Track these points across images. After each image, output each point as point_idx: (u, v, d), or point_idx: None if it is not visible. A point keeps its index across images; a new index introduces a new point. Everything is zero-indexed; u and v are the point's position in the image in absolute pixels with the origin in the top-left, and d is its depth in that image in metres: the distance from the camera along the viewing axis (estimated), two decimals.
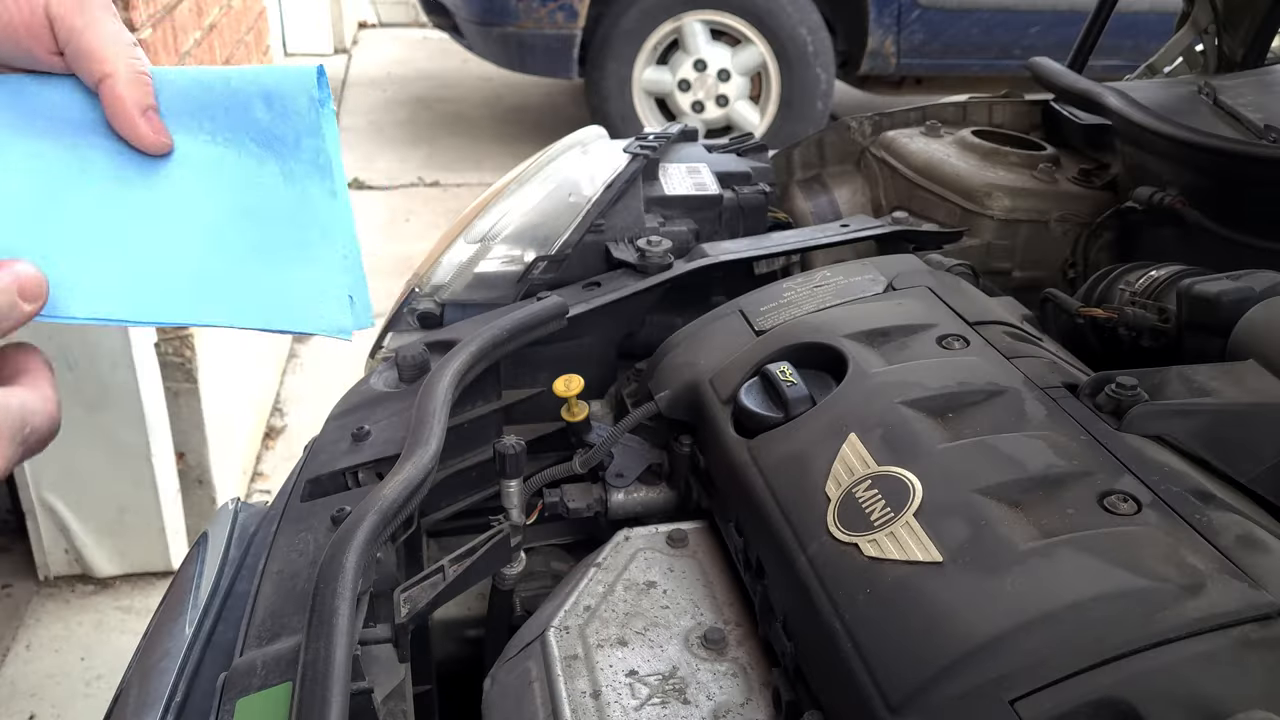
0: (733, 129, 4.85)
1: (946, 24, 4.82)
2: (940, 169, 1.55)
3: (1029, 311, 1.12)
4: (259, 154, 0.70)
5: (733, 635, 0.82)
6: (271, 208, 0.70)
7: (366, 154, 5.04)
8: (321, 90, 0.70)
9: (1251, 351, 0.90)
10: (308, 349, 3.55)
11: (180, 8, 2.49)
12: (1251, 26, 1.79)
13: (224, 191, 0.69)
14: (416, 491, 0.83)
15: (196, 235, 0.68)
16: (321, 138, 0.70)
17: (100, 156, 0.68)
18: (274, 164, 0.70)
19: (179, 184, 0.69)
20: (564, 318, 1.13)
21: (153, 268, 0.67)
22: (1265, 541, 0.67)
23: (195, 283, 0.68)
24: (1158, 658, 0.59)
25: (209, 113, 0.70)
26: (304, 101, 0.69)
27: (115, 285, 0.66)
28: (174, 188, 0.69)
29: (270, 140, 0.70)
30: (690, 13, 4.72)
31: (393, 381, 1.10)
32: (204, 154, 0.69)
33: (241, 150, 0.70)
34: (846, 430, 0.81)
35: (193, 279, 0.68)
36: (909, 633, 0.64)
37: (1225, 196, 1.30)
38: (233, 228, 0.69)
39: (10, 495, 2.44)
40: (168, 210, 0.68)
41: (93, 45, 0.66)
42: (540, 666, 0.80)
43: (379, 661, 0.73)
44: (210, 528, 1.06)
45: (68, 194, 0.67)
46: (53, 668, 2.24)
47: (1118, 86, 1.56)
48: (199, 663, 0.85)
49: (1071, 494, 0.71)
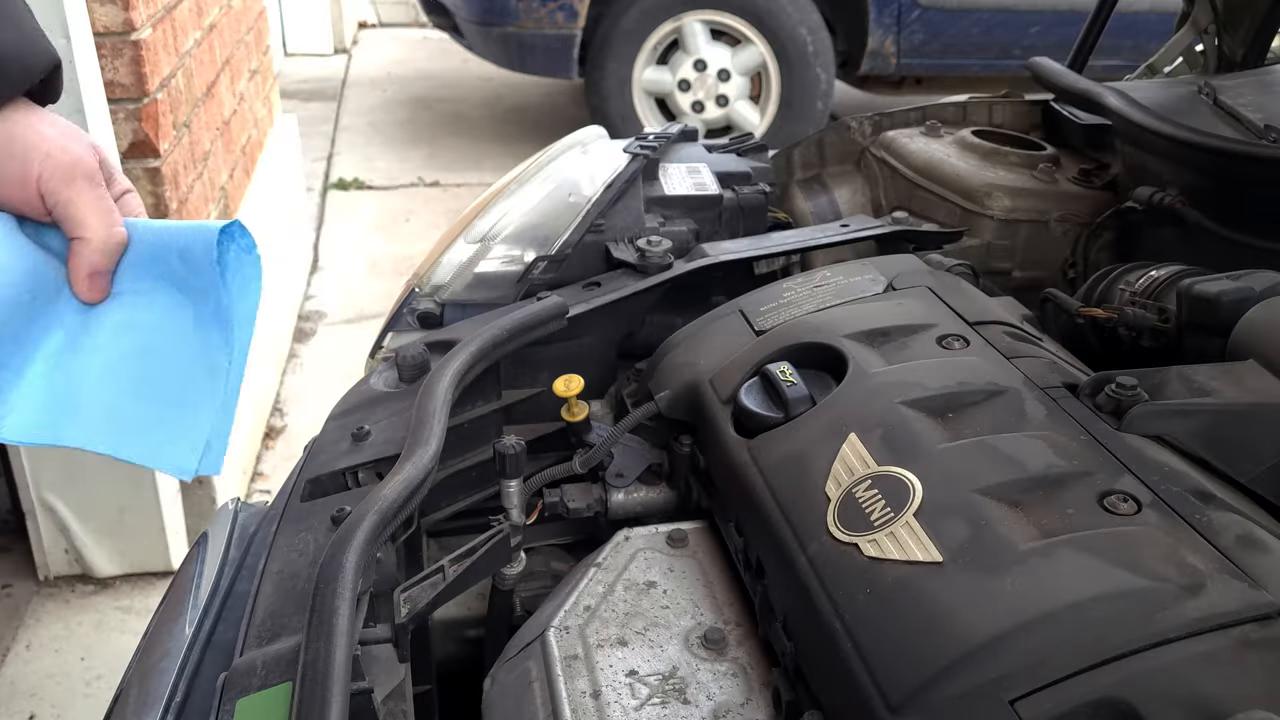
0: (733, 129, 4.85)
1: (946, 24, 4.82)
2: (940, 169, 1.55)
3: (1029, 311, 1.12)
4: (179, 300, 0.79)
5: (733, 635, 0.82)
6: (173, 349, 0.79)
7: (366, 154, 5.04)
8: (234, 244, 0.78)
9: (1251, 351, 0.90)
10: (308, 349, 3.55)
11: (180, 8, 2.49)
12: (1251, 26, 1.79)
13: (139, 331, 0.78)
14: (416, 491, 0.83)
15: (97, 366, 0.77)
16: (224, 291, 0.78)
17: (50, 289, 0.77)
18: (189, 310, 0.79)
19: (104, 320, 0.78)
20: (564, 318, 1.13)
21: (52, 387, 0.76)
22: (1265, 541, 0.67)
23: (77, 406, 0.76)
24: (1158, 658, 0.59)
25: (155, 260, 0.79)
26: (206, 259, 0.77)
27: (17, 401, 0.74)
28: (99, 322, 0.78)
29: (188, 289, 0.79)
30: (690, 13, 4.72)
31: (393, 381, 1.10)
32: (137, 296, 0.79)
33: (167, 296, 0.79)
34: (846, 430, 0.81)
35: (79, 403, 0.76)
36: (909, 633, 0.64)
37: (1225, 196, 1.30)
38: (132, 363, 0.78)
39: (10, 495, 2.44)
40: (87, 341, 0.77)
41: (75, 214, 0.77)
42: (540, 666, 0.80)
43: (379, 661, 0.73)
44: (210, 528, 1.06)
45: (13, 309, 0.74)
46: (53, 668, 2.24)
47: (1118, 86, 1.56)
48: (199, 663, 0.85)
49: (1071, 494, 0.71)
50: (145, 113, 2.28)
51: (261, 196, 3.28)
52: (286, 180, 3.73)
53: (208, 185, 2.71)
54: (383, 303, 2.98)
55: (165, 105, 2.37)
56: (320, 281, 4.00)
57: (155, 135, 2.31)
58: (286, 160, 3.74)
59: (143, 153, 2.31)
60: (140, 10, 2.23)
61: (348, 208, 4.66)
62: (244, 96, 3.17)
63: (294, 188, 3.92)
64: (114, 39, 2.19)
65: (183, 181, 2.49)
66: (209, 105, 2.73)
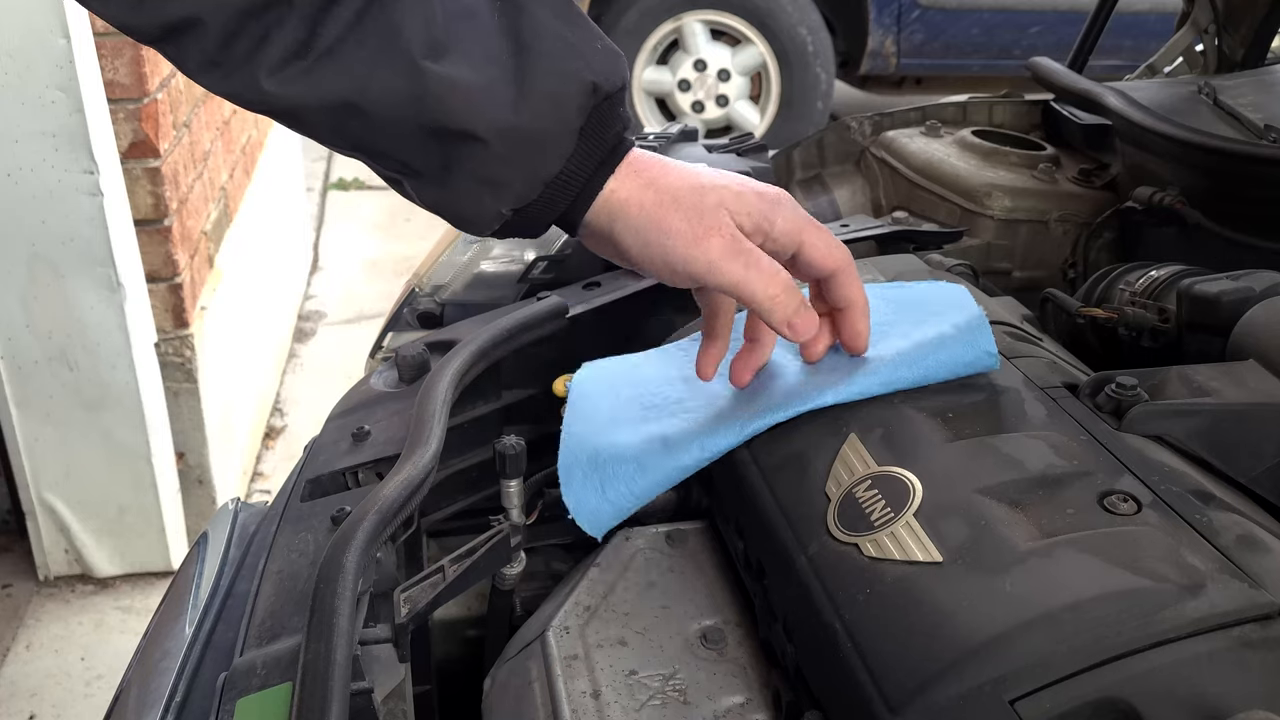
0: (733, 129, 4.85)
1: (947, 24, 4.82)
2: (940, 169, 1.55)
3: (1029, 311, 1.12)
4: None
5: (733, 635, 0.82)
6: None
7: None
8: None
9: (1251, 351, 0.90)
10: (308, 349, 3.55)
11: None
12: (1251, 26, 1.79)
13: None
14: (416, 491, 0.83)
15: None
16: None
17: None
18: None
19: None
20: (564, 318, 1.13)
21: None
22: (1265, 541, 0.67)
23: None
24: (1158, 658, 0.58)
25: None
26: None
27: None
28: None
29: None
30: (690, 13, 4.72)
31: (393, 381, 1.10)
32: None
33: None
34: (846, 430, 0.81)
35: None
36: (909, 633, 0.64)
37: (1225, 196, 1.30)
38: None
39: (10, 495, 2.44)
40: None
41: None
42: (540, 666, 0.80)
43: (379, 661, 0.73)
44: (210, 528, 1.06)
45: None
46: (53, 668, 2.24)
47: (1118, 86, 1.56)
48: (199, 663, 0.84)
49: (1071, 494, 0.70)
50: (145, 113, 2.28)
51: (261, 196, 3.28)
52: (286, 180, 3.73)
53: (208, 185, 2.71)
54: (383, 303, 2.99)
55: (165, 105, 2.37)
56: (320, 281, 4.01)
57: (155, 135, 2.32)
58: (286, 160, 3.74)
59: (143, 153, 2.32)
60: None
61: (348, 207, 4.66)
62: None
63: (294, 187, 3.92)
64: (114, 39, 2.20)
65: (183, 181, 2.50)
66: (209, 105, 2.73)
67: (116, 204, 2.19)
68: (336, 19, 0.67)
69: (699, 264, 0.75)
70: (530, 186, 0.73)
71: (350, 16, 0.67)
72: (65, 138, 2.08)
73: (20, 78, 2.03)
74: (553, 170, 0.73)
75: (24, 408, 2.29)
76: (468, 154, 0.70)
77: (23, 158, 2.09)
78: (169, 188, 2.37)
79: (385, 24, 0.67)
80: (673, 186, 0.76)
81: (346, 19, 0.67)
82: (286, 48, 0.67)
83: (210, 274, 2.69)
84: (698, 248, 0.75)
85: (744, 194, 0.77)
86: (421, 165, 0.72)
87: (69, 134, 2.08)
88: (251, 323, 3.03)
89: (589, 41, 0.72)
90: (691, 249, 0.75)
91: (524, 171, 0.72)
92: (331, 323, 3.69)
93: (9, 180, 2.10)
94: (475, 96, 0.68)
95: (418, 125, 0.69)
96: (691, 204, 0.75)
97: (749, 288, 0.76)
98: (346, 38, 0.67)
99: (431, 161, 0.72)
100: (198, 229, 2.59)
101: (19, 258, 2.17)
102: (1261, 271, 1.01)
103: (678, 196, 0.76)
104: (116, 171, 2.21)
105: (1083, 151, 1.63)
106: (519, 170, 0.72)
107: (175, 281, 2.43)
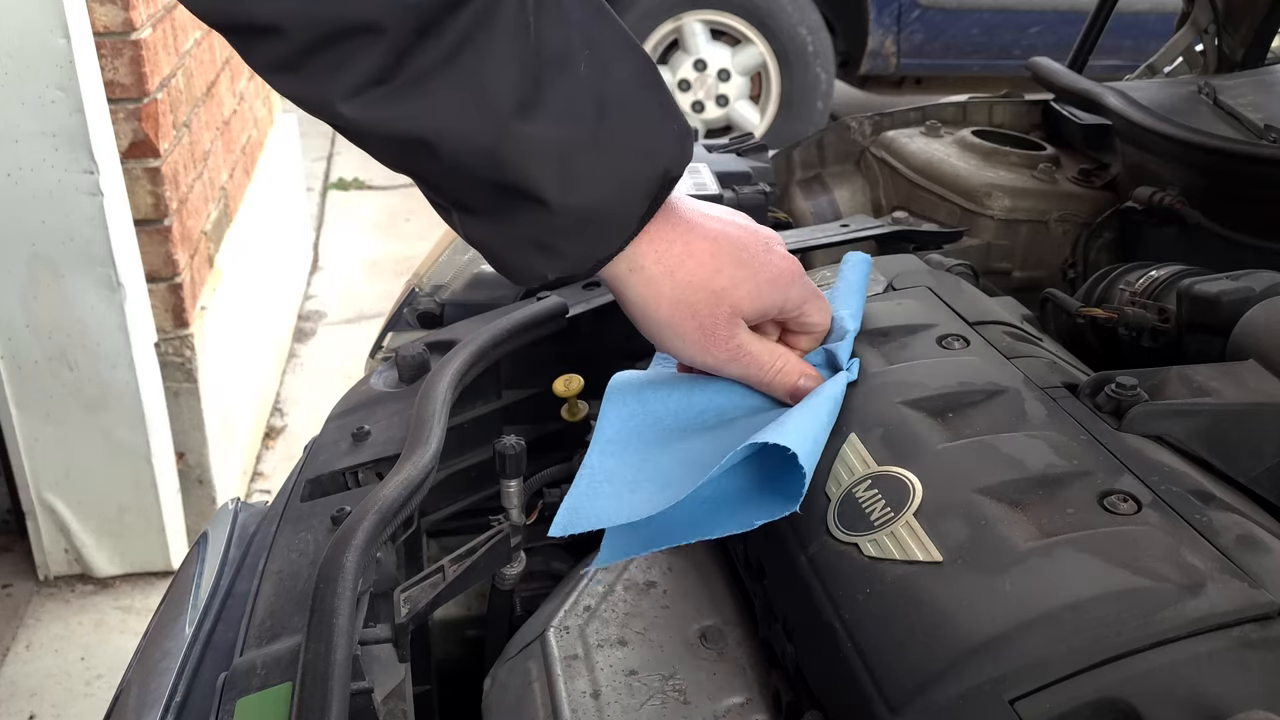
0: (733, 129, 4.85)
1: (947, 24, 4.82)
2: (940, 169, 1.55)
3: (1029, 311, 1.12)
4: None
5: (733, 635, 0.82)
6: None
7: (367, 154, 5.04)
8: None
9: (1251, 351, 0.90)
10: (308, 349, 3.55)
11: (181, 7, 2.49)
12: (1251, 26, 1.79)
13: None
14: (416, 491, 0.83)
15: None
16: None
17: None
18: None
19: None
20: (564, 318, 1.13)
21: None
22: (1265, 541, 0.67)
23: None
24: (1158, 658, 0.58)
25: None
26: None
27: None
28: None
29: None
30: (690, 13, 4.72)
31: (393, 381, 1.10)
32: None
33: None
34: (846, 430, 0.81)
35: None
36: (909, 632, 0.64)
37: (1225, 196, 1.30)
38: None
39: (10, 495, 2.44)
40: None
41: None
42: (540, 666, 0.80)
43: (379, 661, 0.73)
44: (210, 528, 1.06)
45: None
46: (53, 668, 2.24)
47: (1118, 86, 1.56)
48: (199, 663, 0.84)
49: (1071, 494, 0.70)
50: (145, 113, 2.28)
51: (261, 196, 3.28)
52: (286, 180, 3.73)
53: (208, 185, 2.71)
54: (382, 303, 2.99)
55: (165, 105, 2.37)
56: (320, 281, 4.01)
57: (155, 135, 2.32)
58: (286, 160, 3.74)
59: (143, 153, 2.32)
60: (140, 10, 2.23)
61: (348, 207, 4.66)
62: (244, 96, 3.17)
63: (294, 187, 3.92)
64: (114, 39, 2.20)
65: (183, 181, 2.50)
66: (209, 105, 2.73)
67: (116, 204, 2.20)
68: (426, 55, 0.63)
69: (702, 364, 0.81)
70: (582, 262, 0.72)
71: (440, 55, 0.63)
72: (65, 138, 2.08)
73: (20, 78, 2.03)
74: (611, 252, 0.73)
75: (24, 408, 2.29)
76: (531, 216, 0.69)
77: (23, 158, 2.09)
78: (169, 187, 2.37)
79: (477, 71, 0.64)
80: (692, 282, 0.75)
81: (435, 58, 0.63)
82: (369, 74, 0.63)
83: (210, 274, 2.69)
84: (707, 354, 0.79)
85: (759, 293, 0.78)
86: (479, 206, 0.71)
87: (69, 134, 2.08)
88: (251, 323, 3.03)
89: (667, 121, 0.71)
90: (699, 355, 0.79)
91: (582, 248, 0.72)
92: (331, 323, 3.69)
93: (9, 180, 2.10)
94: (551, 166, 0.66)
95: (488, 176, 0.67)
96: (708, 312, 0.77)
97: (749, 380, 0.83)
98: (434, 76, 0.64)
99: (491, 206, 0.70)
100: (198, 229, 2.59)
101: (19, 258, 2.17)
102: (1261, 271, 1.01)
103: (694, 305, 0.76)
104: (116, 171, 2.21)
105: (1083, 151, 1.63)
106: (577, 246, 0.71)
107: (175, 281, 2.43)
